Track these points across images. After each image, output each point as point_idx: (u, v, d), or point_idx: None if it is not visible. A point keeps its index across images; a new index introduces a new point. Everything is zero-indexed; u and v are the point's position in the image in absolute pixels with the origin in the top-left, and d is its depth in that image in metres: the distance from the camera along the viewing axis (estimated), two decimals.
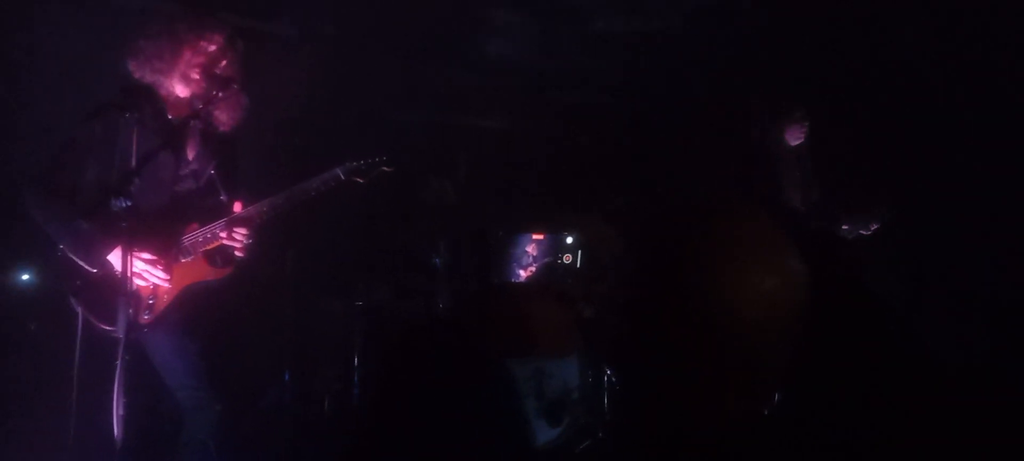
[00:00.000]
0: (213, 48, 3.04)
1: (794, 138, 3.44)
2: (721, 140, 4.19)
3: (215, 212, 3.08)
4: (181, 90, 3.04)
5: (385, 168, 3.19)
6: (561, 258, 1.35)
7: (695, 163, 4.43)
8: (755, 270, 1.16)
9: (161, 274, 2.96)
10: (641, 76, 4.87)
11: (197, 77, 3.01)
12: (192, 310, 3.06)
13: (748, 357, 1.17)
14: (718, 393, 1.18)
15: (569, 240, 1.32)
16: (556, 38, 4.69)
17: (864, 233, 3.07)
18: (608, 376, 4.15)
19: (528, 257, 1.39)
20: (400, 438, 1.33)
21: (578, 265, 1.34)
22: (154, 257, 2.94)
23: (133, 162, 2.80)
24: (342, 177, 3.15)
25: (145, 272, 2.93)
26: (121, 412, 2.64)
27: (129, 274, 2.68)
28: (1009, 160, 3.22)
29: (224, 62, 3.05)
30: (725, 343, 1.16)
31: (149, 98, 3.01)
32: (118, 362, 2.66)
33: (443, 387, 1.35)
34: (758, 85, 4.23)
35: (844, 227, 3.12)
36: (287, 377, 4.43)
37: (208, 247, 3.07)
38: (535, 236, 1.35)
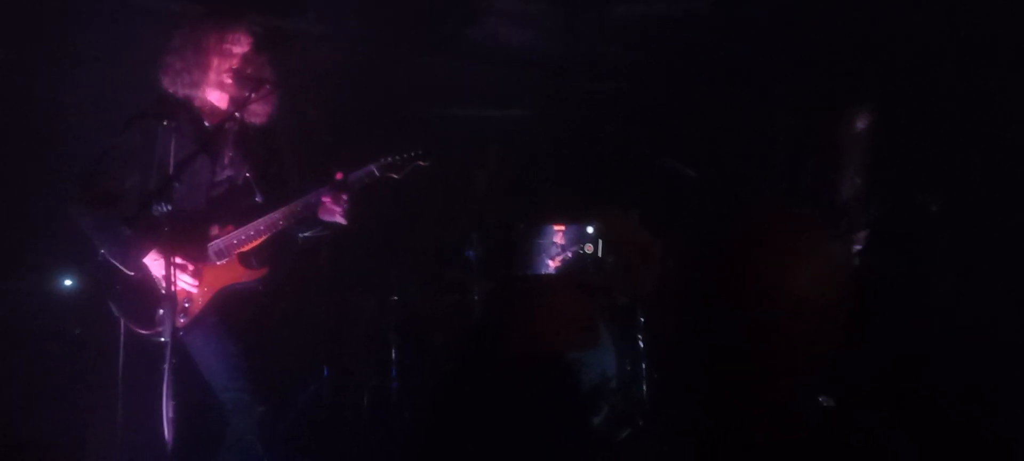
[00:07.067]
0: (240, 50, 3.05)
1: (860, 123, 3.20)
2: (758, 124, 4.12)
3: (250, 214, 3.10)
4: (216, 98, 3.08)
5: (421, 163, 3.17)
6: (583, 248, 1.36)
7: (732, 147, 4.36)
8: (799, 257, 1.18)
9: (189, 279, 2.99)
10: (666, 61, 4.82)
11: (229, 82, 3.04)
12: (229, 312, 3.08)
13: (795, 343, 1.18)
14: (765, 381, 1.19)
15: (590, 230, 1.33)
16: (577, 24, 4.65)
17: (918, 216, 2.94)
18: (646, 365, 4.12)
19: (556, 247, 1.40)
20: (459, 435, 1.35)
21: (600, 254, 1.36)
22: (183, 261, 2.96)
23: (171, 168, 2.83)
24: (376, 174, 3.15)
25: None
26: (171, 415, 2.68)
27: (173, 279, 2.72)
28: None
29: (254, 63, 3.07)
30: (772, 330, 1.17)
31: (186, 106, 3.04)
32: (165, 365, 2.70)
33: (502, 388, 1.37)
34: (789, 68, 4.15)
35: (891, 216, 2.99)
36: (326, 373, 4.47)
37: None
38: (557, 226, 1.36)
